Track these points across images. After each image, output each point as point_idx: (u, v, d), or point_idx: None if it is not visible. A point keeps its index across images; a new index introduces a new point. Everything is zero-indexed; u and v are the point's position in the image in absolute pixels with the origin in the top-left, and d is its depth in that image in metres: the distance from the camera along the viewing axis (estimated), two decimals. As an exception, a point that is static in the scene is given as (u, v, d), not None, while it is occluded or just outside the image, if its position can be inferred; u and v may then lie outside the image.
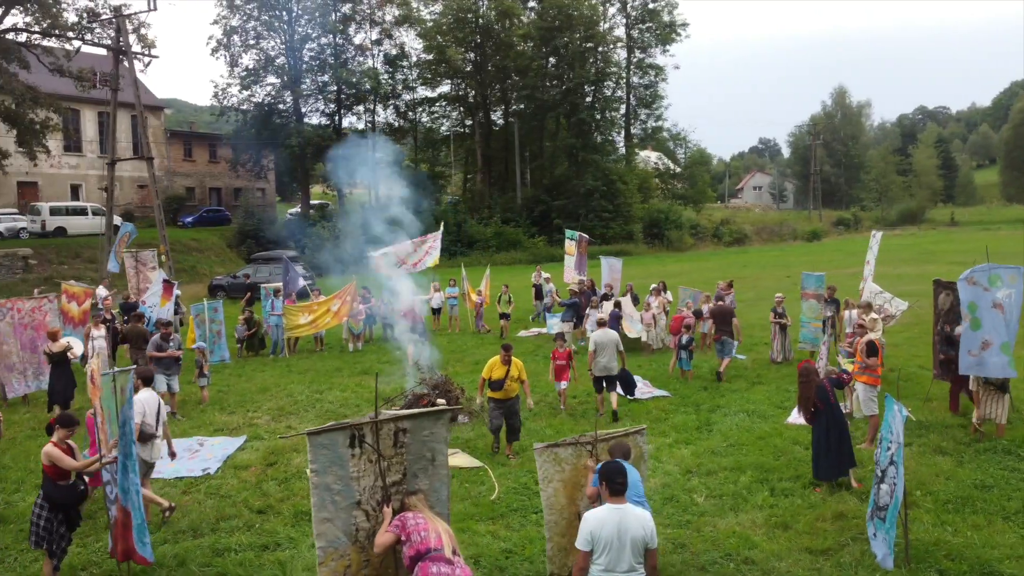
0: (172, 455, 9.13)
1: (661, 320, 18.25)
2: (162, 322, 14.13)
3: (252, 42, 49.52)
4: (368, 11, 53.17)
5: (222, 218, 51.20)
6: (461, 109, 61.31)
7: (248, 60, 49.78)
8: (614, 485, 5.01)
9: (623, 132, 60.61)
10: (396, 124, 58.22)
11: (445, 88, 59.66)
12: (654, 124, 61.36)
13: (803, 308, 17.65)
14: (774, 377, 15.40)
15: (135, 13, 32.38)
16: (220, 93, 49.51)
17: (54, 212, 40.14)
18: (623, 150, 60.16)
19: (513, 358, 11.13)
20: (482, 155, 59.56)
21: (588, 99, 54.92)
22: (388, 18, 54.55)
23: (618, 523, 4.89)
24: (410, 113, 59.06)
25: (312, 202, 54.34)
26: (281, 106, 51.08)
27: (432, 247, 17.63)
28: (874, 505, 7.58)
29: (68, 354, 13.70)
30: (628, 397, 13.40)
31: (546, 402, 13.88)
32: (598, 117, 54.97)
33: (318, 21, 49.38)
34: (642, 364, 16.64)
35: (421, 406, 12.87)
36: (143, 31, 36.58)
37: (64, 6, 35.24)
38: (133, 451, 6.63)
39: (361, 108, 55.07)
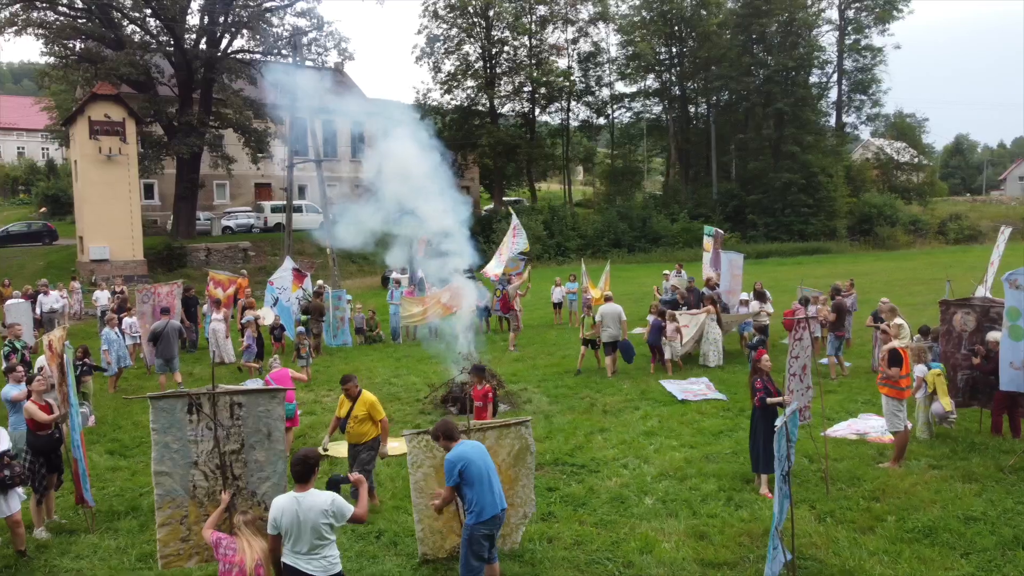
0: None
1: (713, 332, 16.14)
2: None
3: (452, 48, 52.48)
4: (563, 11, 54.26)
5: (425, 215, 54.83)
6: (664, 103, 60.39)
7: (449, 65, 52.87)
8: (296, 473, 5.38)
9: (834, 120, 56.31)
10: (591, 120, 58.80)
11: (644, 83, 59.16)
12: (870, 111, 56.32)
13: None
14: (858, 386, 14.10)
15: (306, 33, 36.08)
16: (422, 97, 53.07)
17: (274, 210, 45.58)
18: (832, 140, 55.80)
19: (365, 393, 8.73)
20: (679, 149, 58.39)
21: (791, 87, 51.76)
22: (583, 16, 55.31)
23: (297, 510, 5.28)
24: (607, 108, 59.29)
25: (506, 199, 56.50)
26: (480, 107, 53.65)
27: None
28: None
29: (257, 321, 17.18)
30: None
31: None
32: (801, 105, 51.43)
33: (511, 24, 51.24)
34: (725, 369, 15.87)
35: (463, 395, 13.51)
36: (342, 45, 40.85)
37: (278, 28, 40.14)
38: (72, 413, 8.07)
39: (555, 106, 56.28)
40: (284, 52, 39.56)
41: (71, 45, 38.25)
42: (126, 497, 9.48)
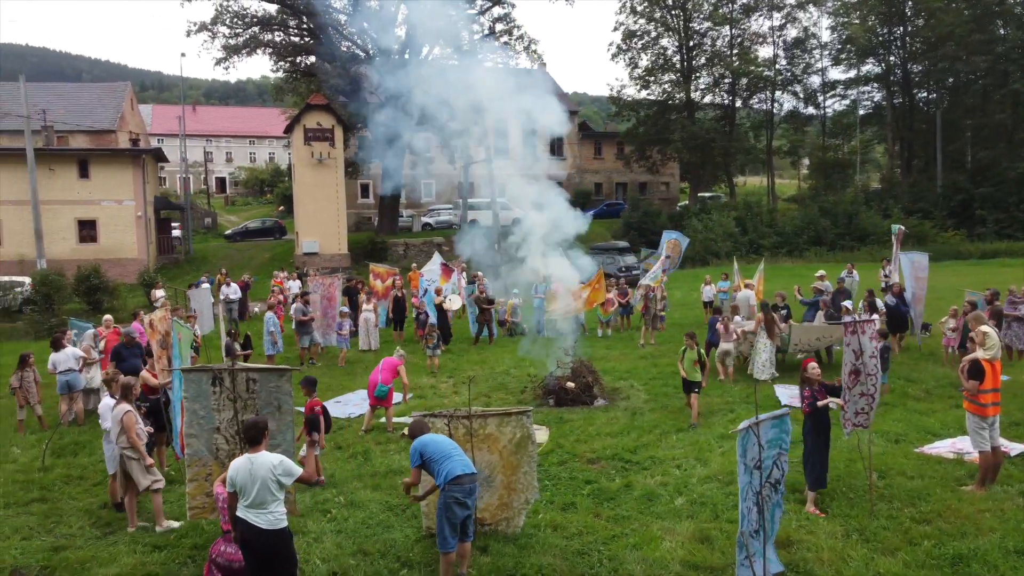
0: None
1: (761, 343, 14.79)
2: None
3: (649, 43, 51.99)
4: (769, -3, 51.80)
5: (619, 211, 54.86)
6: (885, 90, 55.59)
7: (646, 60, 52.43)
8: (247, 437, 6.09)
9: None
10: (799, 111, 55.55)
11: (860, 68, 54.74)
12: None
13: None
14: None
15: (499, 37, 37.49)
16: (617, 93, 53.01)
17: (471, 207, 47.99)
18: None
19: None
20: (901, 138, 53.45)
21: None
22: (791, 0, 52.36)
23: (249, 469, 5.99)
24: (817, 97, 55.71)
25: (703, 194, 55.03)
26: (676, 100, 52.62)
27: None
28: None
29: (444, 305, 19.36)
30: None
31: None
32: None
33: (710, 14, 49.83)
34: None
35: (558, 388, 13.87)
36: (532, 47, 42.19)
37: (476, 35, 42.29)
38: (175, 383, 9.51)
39: (758, 97, 53.86)
40: (480, 56, 41.61)
41: (297, 61, 43.04)
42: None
